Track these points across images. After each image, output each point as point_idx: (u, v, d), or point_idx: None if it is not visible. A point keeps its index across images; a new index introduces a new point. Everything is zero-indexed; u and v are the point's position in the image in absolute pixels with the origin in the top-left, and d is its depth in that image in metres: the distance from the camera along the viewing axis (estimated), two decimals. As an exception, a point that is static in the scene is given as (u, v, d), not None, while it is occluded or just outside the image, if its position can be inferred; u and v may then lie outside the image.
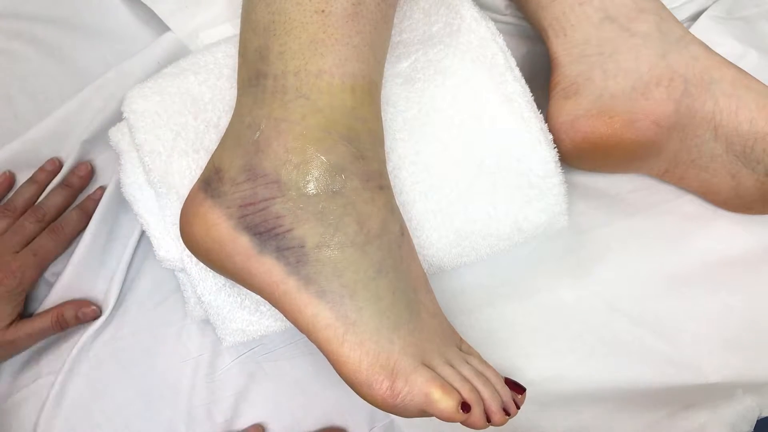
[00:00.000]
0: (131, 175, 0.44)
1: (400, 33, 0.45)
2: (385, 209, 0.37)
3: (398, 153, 0.42)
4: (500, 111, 0.42)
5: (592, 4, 0.45)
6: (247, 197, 0.36)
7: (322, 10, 0.35)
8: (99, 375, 0.48)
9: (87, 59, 0.56)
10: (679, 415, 0.43)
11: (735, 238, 0.49)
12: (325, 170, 0.35)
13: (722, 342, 0.47)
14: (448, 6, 0.44)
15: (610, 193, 0.51)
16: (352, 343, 0.35)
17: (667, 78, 0.44)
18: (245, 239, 0.36)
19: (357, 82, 0.36)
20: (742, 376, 0.46)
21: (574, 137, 0.46)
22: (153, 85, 0.44)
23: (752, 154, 0.44)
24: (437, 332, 0.39)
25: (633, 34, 0.45)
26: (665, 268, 0.49)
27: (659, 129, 0.45)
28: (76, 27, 0.57)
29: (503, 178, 0.43)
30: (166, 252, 0.43)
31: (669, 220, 0.50)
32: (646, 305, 0.48)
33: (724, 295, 0.48)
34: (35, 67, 0.56)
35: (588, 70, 0.46)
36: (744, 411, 0.43)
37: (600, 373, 0.46)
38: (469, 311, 0.48)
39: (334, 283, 0.35)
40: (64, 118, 0.53)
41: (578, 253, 0.50)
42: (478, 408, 0.36)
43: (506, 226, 0.43)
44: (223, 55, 0.45)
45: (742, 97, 0.44)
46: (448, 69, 0.43)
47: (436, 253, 0.44)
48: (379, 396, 0.36)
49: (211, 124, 0.43)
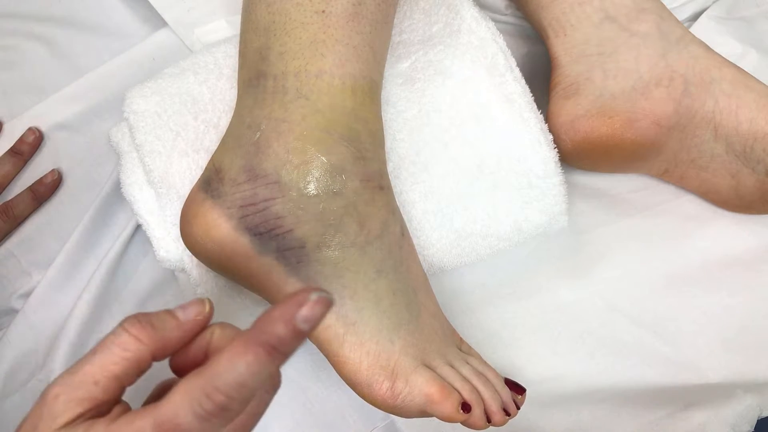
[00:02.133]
0: (131, 175, 0.44)
1: (401, 33, 0.45)
2: (385, 210, 0.37)
3: (398, 153, 0.42)
4: (500, 111, 0.42)
5: (592, 4, 0.45)
6: (248, 198, 0.36)
7: (323, 11, 0.35)
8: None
9: (85, 57, 0.56)
10: (679, 415, 0.43)
11: (735, 238, 0.49)
12: (326, 171, 0.35)
13: (722, 342, 0.47)
14: (448, 6, 0.44)
15: (610, 193, 0.51)
16: (352, 344, 0.35)
17: (667, 78, 0.44)
18: (245, 240, 0.36)
19: (357, 83, 0.36)
20: (742, 376, 0.46)
21: (574, 137, 0.46)
22: (153, 86, 0.44)
23: (752, 153, 0.44)
24: (437, 332, 0.39)
25: (633, 34, 0.45)
26: (665, 268, 0.49)
27: (659, 129, 0.45)
28: (74, 25, 0.57)
29: (503, 179, 0.43)
30: (166, 252, 0.43)
31: (669, 220, 0.50)
32: (646, 305, 0.48)
33: (724, 295, 0.48)
34: (33, 64, 0.56)
35: (588, 70, 0.46)
36: (744, 411, 0.43)
37: (600, 373, 0.46)
38: (469, 311, 0.48)
39: (334, 284, 0.35)
40: None
41: (578, 253, 0.50)
42: (478, 408, 0.36)
43: (506, 226, 0.43)
44: (223, 55, 0.45)
45: (742, 97, 0.44)
46: (448, 69, 0.43)
47: (436, 253, 0.44)
48: (380, 396, 0.36)
49: (211, 124, 0.43)
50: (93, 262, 0.50)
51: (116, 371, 0.25)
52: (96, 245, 0.50)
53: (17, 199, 0.51)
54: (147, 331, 0.25)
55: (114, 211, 0.51)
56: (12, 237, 0.52)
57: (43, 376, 0.48)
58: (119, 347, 0.25)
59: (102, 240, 0.51)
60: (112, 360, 0.25)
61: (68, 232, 0.50)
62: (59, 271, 0.49)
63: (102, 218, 0.51)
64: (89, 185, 0.52)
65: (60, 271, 0.49)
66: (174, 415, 0.23)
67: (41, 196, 0.51)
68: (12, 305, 0.50)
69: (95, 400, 0.24)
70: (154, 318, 0.26)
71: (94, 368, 0.25)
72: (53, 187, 0.52)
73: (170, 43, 0.55)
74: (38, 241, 0.52)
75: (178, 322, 0.27)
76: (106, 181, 0.51)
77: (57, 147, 0.54)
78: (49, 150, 0.54)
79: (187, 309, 0.27)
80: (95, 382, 0.24)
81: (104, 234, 0.51)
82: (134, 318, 0.26)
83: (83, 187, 0.52)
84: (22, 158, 0.52)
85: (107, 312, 0.49)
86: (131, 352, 0.25)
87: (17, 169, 0.52)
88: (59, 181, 0.52)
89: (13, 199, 0.51)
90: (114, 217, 0.51)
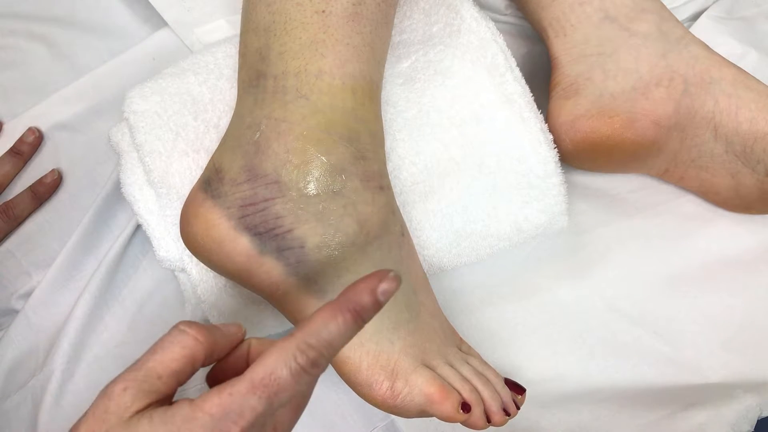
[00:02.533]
0: (131, 176, 0.44)
1: (401, 33, 0.45)
2: (385, 209, 0.37)
3: (398, 153, 0.42)
4: (500, 111, 0.42)
5: (592, 4, 0.45)
6: (248, 197, 0.36)
7: (323, 11, 0.35)
8: (99, 375, 0.48)
9: (85, 57, 0.56)
10: (679, 415, 0.43)
11: (735, 238, 0.49)
12: (326, 171, 0.35)
13: (722, 342, 0.47)
14: (448, 6, 0.44)
15: (610, 193, 0.51)
16: (352, 344, 0.36)
17: (667, 78, 0.44)
18: (245, 239, 0.36)
19: (357, 83, 0.36)
20: (742, 376, 0.46)
21: (574, 137, 0.46)
22: (153, 86, 0.44)
23: (752, 154, 0.44)
24: (437, 332, 0.39)
25: (633, 34, 0.45)
26: (665, 268, 0.49)
27: (659, 129, 0.45)
28: (75, 25, 0.57)
29: (503, 179, 0.43)
30: (166, 252, 0.43)
31: (669, 220, 0.50)
32: (646, 305, 0.48)
33: (724, 295, 0.48)
34: (33, 64, 0.56)
35: (588, 70, 0.46)
36: (744, 411, 0.43)
37: (600, 373, 0.46)
38: (469, 311, 0.48)
39: (334, 284, 0.35)
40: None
41: (578, 253, 0.50)
42: (478, 408, 0.36)
43: (506, 226, 0.43)
44: (224, 55, 0.45)
45: (742, 97, 0.44)
46: (448, 69, 0.43)
47: (436, 253, 0.44)
48: (380, 396, 0.36)
49: (212, 124, 0.43)
50: (93, 262, 0.50)
51: (175, 367, 0.27)
52: (96, 245, 0.51)
53: (17, 199, 0.51)
54: (203, 332, 0.28)
55: (114, 211, 0.51)
56: (12, 237, 0.52)
57: (43, 376, 0.48)
58: (179, 345, 0.27)
59: (102, 240, 0.51)
60: (172, 357, 0.27)
61: (68, 232, 0.50)
62: (59, 271, 0.49)
63: (102, 218, 0.51)
64: (89, 185, 0.52)
65: (60, 271, 0.49)
66: (270, 372, 0.25)
67: (41, 196, 0.51)
68: (12, 305, 0.50)
69: (159, 393, 0.26)
70: (204, 325, 0.28)
71: (157, 364, 0.26)
72: (53, 187, 0.52)
73: (170, 43, 0.55)
74: (38, 241, 0.52)
75: (223, 332, 0.29)
76: (106, 181, 0.51)
77: (57, 147, 0.54)
78: (49, 150, 0.54)
79: (227, 325, 0.30)
80: (159, 376, 0.26)
81: (104, 234, 0.51)
82: (188, 321, 0.28)
83: (83, 187, 0.52)
84: (22, 158, 0.52)
85: (107, 312, 0.49)
86: (189, 349, 0.27)
87: (17, 169, 0.52)
88: (59, 181, 0.52)
89: (13, 199, 0.51)
90: (114, 217, 0.51)
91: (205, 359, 0.28)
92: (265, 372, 0.25)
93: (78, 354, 0.48)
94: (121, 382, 0.26)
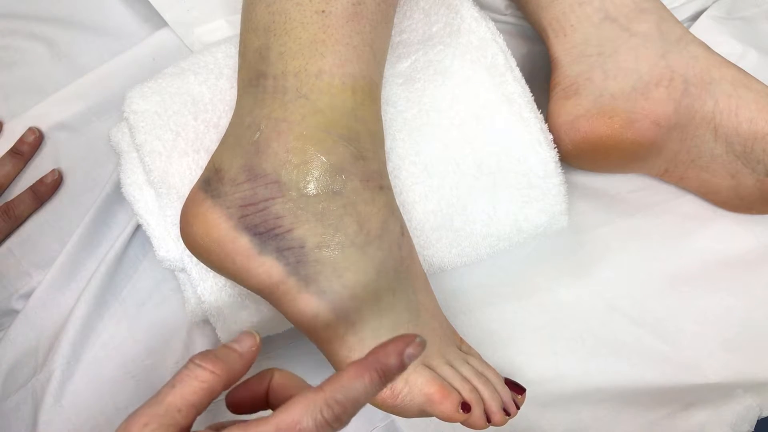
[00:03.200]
0: (131, 175, 0.44)
1: (400, 33, 0.45)
2: (385, 209, 0.37)
3: (398, 153, 0.42)
4: (500, 111, 0.42)
5: (592, 4, 0.45)
6: (247, 197, 0.36)
7: (322, 11, 0.35)
8: (99, 375, 0.48)
9: (85, 57, 0.56)
10: (679, 415, 0.43)
11: (735, 238, 0.49)
12: (326, 171, 0.35)
13: (722, 342, 0.47)
14: (448, 6, 0.44)
15: (610, 193, 0.51)
16: (352, 344, 0.36)
17: (667, 78, 0.44)
18: (245, 239, 0.36)
19: (357, 83, 0.36)
20: (742, 376, 0.46)
21: (574, 137, 0.46)
22: (153, 85, 0.44)
23: (752, 154, 0.44)
24: (437, 332, 0.39)
25: (633, 34, 0.45)
26: (665, 268, 0.49)
27: (659, 129, 0.45)
28: (74, 25, 0.57)
29: (503, 179, 0.43)
30: (166, 252, 0.43)
31: (669, 220, 0.50)
32: (646, 305, 0.48)
33: (724, 295, 0.48)
34: (33, 64, 0.56)
35: (588, 70, 0.46)
36: (744, 411, 0.43)
37: (600, 373, 0.46)
38: (469, 311, 0.48)
39: (334, 284, 0.35)
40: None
41: (578, 253, 0.50)
42: (478, 408, 0.36)
43: (506, 226, 0.43)
44: (223, 55, 0.45)
45: (742, 97, 0.44)
46: (448, 69, 0.43)
47: (436, 253, 0.44)
48: (379, 396, 0.36)
49: (211, 124, 0.43)
50: (93, 262, 0.50)
51: (194, 400, 0.28)
52: (96, 245, 0.51)
53: (18, 200, 0.51)
54: (219, 364, 0.28)
55: (114, 211, 0.51)
56: (12, 237, 0.52)
57: (43, 376, 0.48)
58: (196, 380, 0.28)
59: (102, 240, 0.51)
60: (191, 390, 0.28)
61: (69, 232, 0.50)
62: (60, 271, 0.49)
63: (102, 218, 0.51)
64: (89, 185, 0.52)
65: (60, 271, 0.49)
66: (296, 421, 0.26)
67: (42, 196, 0.51)
68: (12, 306, 0.50)
69: (179, 425, 0.27)
70: (219, 353, 0.29)
71: (177, 399, 0.27)
72: (54, 187, 0.52)
73: (170, 43, 0.55)
74: (39, 241, 0.52)
75: (238, 354, 0.30)
76: (107, 181, 0.51)
77: (57, 147, 0.54)
78: (50, 150, 0.54)
79: (242, 342, 0.30)
80: (178, 410, 0.27)
81: (104, 234, 0.51)
82: (203, 354, 0.29)
83: (83, 187, 0.52)
84: (23, 158, 0.52)
85: (107, 312, 0.49)
86: (207, 383, 0.28)
87: (17, 169, 0.52)
88: (60, 181, 0.52)
89: (14, 199, 0.51)
90: (114, 217, 0.51)
91: (223, 389, 0.29)
92: (292, 420, 0.26)
93: (78, 354, 0.48)
94: (142, 417, 0.27)
